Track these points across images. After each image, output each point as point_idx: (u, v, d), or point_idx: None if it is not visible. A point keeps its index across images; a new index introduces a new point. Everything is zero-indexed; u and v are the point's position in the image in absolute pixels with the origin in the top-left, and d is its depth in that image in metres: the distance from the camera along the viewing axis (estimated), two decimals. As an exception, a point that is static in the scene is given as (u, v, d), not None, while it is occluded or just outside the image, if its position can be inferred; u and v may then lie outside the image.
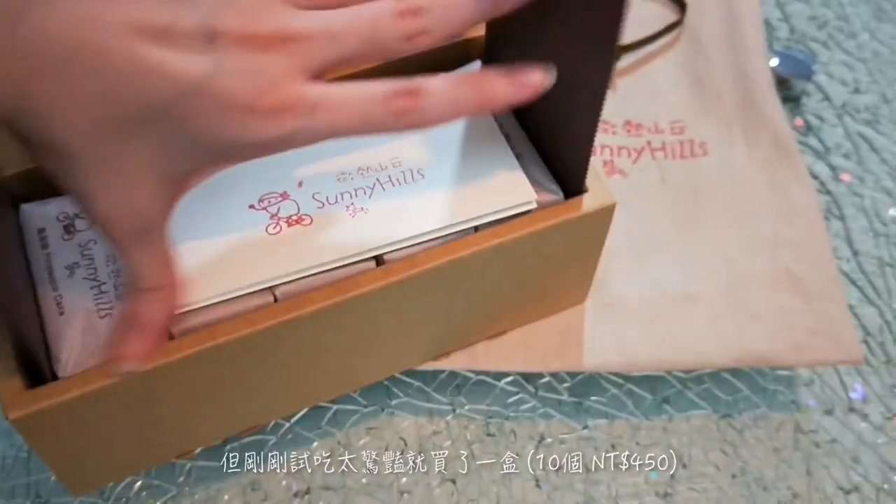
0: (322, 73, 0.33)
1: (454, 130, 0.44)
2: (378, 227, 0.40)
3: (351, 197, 0.41)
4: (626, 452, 0.49)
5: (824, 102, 0.65)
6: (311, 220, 0.40)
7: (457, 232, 0.41)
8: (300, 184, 0.41)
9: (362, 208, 0.41)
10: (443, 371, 0.50)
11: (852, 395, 0.52)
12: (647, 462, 0.49)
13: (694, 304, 0.52)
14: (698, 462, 0.49)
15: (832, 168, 0.62)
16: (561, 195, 0.43)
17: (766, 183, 0.57)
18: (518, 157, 0.43)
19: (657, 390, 0.51)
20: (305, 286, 0.40)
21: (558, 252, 0.44)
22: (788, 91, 0.65)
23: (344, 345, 0.43)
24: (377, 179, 0.42)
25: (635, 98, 0.61)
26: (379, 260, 0.41)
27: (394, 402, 0.50)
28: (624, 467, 0.48)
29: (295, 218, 0.40)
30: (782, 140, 0.59)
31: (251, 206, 0.40)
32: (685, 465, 0.48)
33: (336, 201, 0.41)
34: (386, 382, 0.50)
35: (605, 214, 0.44)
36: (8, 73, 0.27)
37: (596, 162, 0.53)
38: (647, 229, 0.55)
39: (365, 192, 0.41)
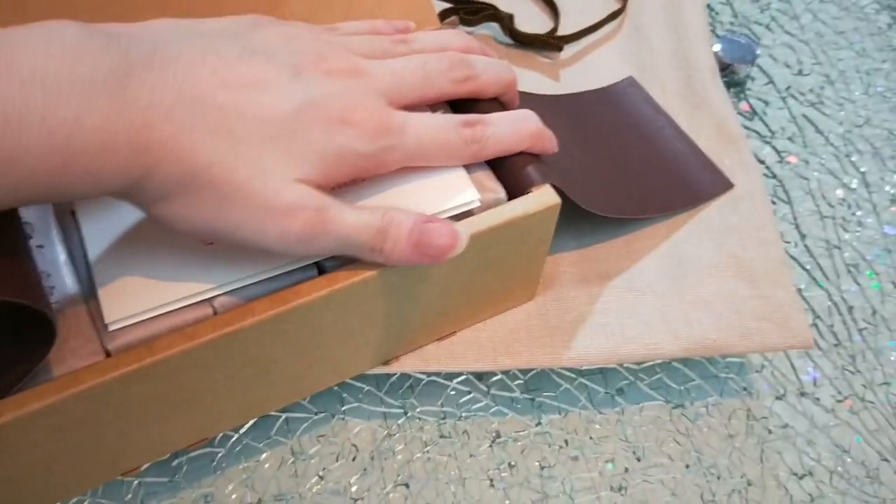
0: (394, 105, 0.39)
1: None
2: None
3: None
4: (581, 447, 0.49)
5: (769, 86, 0.66)
6: None
7: None
8: None
9: None
10: (394, 373, 0.50)
11: (803, 378, 0.52)
12: (601, 455, 0.48)
13: (642, 294, 0.51)
14: (652, 453, 0.48)
15: (778, 152, 0.62)
16: (504, 195, 0.43)
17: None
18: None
19: (610, 383, 0.51)
20: (245, 296, 0.39)
21: (504, 253, 0.44)
22: (733, 76, 0.65)
23: (289, 354, 0.42)
24: None
25: (580, 88, 0.61)
26: (321, 267, 0.40)
27: (345, 407, 0.49)
28: (579, 462, 0.48)
29: None
30: (727, 126, 0.59)
31: None
32: (639, 458, 0.48)
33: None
34: (336, 388, 0.49)
35: (549, 214, 0.43)
36: (128, 131, 0.31)
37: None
38: (593, 221, 0.54)
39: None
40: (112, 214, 0.39)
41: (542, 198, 0.42)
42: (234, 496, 0.46)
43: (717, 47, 0.64)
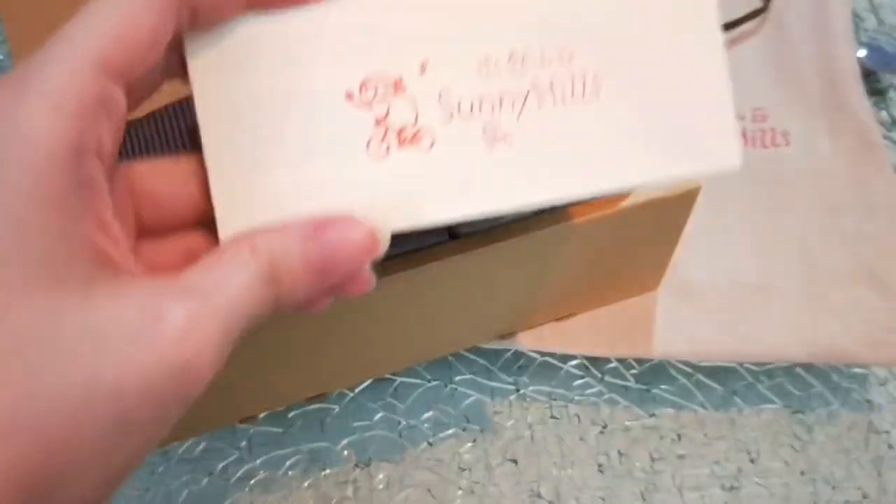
0: None
1: (656, 27, 0.28)
2: (521, 176, 0.27)
3: (493, 110, 0.27)
4: (693, 443, 0.48)
5: (912, 97, 0.63)
6: (432, 143, 0.27)
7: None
8: (423, 66, 0.27)
9: (505, 135, 0.27)
10: (508, 350, 0.49)
11: (929, 397, 0.50)
12: (713, 454, 0.48)
13: (769, 295, 0.50)
14: (766, 457, 0.47)
15: (917, 165, 0.60)
16: None
17: (849, 176, 0.55)
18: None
19: (727, 382, 0.50)
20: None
21: (636, 235, 0.43)
22: (875, 84, 0.63)
23: (412, 316, 0.42)
24: (533, 82, 0.27)
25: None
26: (453, 232, 0.39)
27: (457, 378, 0.49)
28: (689, 458, 0.47)
29: (410, 133, 0.27)
30: (867, 133, 0.57)
31: (349, 96, 0.27)
32: (752, 460, 0.47)
33: (471, 114, 0.27)
34: (450, 358, 0.49)
35: (688, 198, 0.42)
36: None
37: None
38: (724, 217, 0.53)
39: (513, 106, 0.27)
40: None
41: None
42: (344, 454, 0.46)
43: (862, 53, 0.62)
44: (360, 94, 0.27)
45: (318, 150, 0.26)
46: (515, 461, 0.47)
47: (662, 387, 0.49)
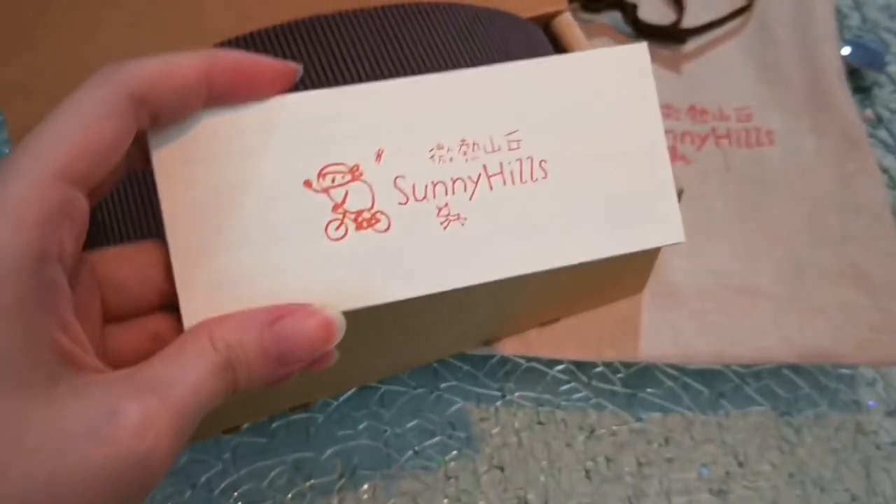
0: None
1: (598, 111, 0.30)
2: (475, 254, 0.28)
3: (446, 192, 0.28)
4: (680, 447, 0.47)
5: (896, 94, 0.63)
6: (389, 225, 0.28)
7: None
8: (379, 154, 0.28)
9: (458, 215, 0.28)
10: (493, 356, 0.49)
11: (917, 397, 0.50)
12: (700, 458, 0.47)
13: (755, 296, 0.50)
14: (754, 460, 0.47)
15: (903, 162, 0.59)
16: None
17: (834, 175, 0.55)
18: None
19: (714, 385, 0.49)
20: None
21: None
22: (859, 81, 0.62)
23: (395, 326, 0.42)
24: (484, 166, 0.29)
25: (701, 83, 0.59)
26: None
27: (443, 385, 0.49)
28: (676, 462, 0.47)
29: (367, 216, 0.28)
30: (851, 131, 0.57)
31: (307, 183, 0.28)
32: (741, 463, 0.47)
33: (425, 196, 0.28)
34: (435, 365, 0.49)
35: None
36: None
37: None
38: (708, 218, 0.53)
39: (465, 188, 0.28)
40: None
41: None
42: (329, 463, 0.46)
43: (846, 51, 0.62)
44: (318, 181, 0.28)
45: (279, 235, 0.27)
46: (502, 468, 0.46)
47: (649, 390, 0.49)
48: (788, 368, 0.50)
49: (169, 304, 0.27)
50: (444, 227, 0.28)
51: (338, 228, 0.28)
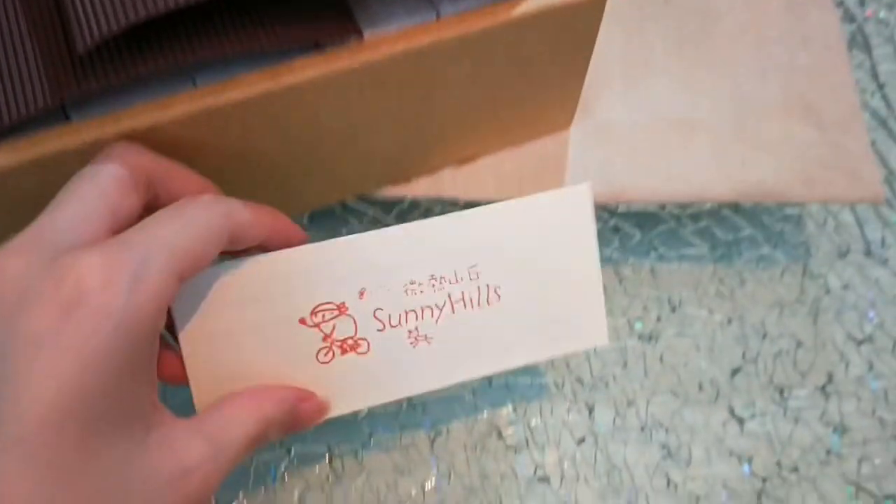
0: None
1: (545, 245, 0.35)
2: (439, 366, 0.34)
3: (416, 318, 0.34)
4: (610, 295, 0.43)
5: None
6: (368, 347, 0.34)
7: None
8: (362, 293, 0.34)
9: (426, 336, 0.34)
10: (402, 199, 0.44)
11: (870, 237, 0.45)
12: (631, 305, 0.43)
13: (694, 131, 0.45)
14: (690, 305, 0.43)
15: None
16: None
17: (783, 5, 0.50)
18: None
19: (647, 227, 0.45)
20: (230, 74, 0.33)
21: (538, 54, 0.38)
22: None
23: (283, 152, 0.37)
24: (449, 295, 0.34)
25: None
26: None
27: (344, 230, 0.44)
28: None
29: (350, 342, 0.34)
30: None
31: (301, 321, 0.33)
32: (673, 309, 0.43)
33: (398, 323, 0.34)
34: (339, 210, 0.44)
35: (594, 7, 0.37)
36: None
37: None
38: (645, 51, 0.48)
39: (432, 314, 0.34)
40: None
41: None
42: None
43: None
44: (311, 317, 0.33)
45: (278, 361, 0.33)
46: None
47: (576, 234, 0.44)
48: (729, 209, 0.45)
49: None
50: (414, 346, 0.34)
51: (326, 354, 0.33)
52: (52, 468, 0.23)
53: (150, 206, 0.30)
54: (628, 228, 0.44)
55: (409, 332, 0.34)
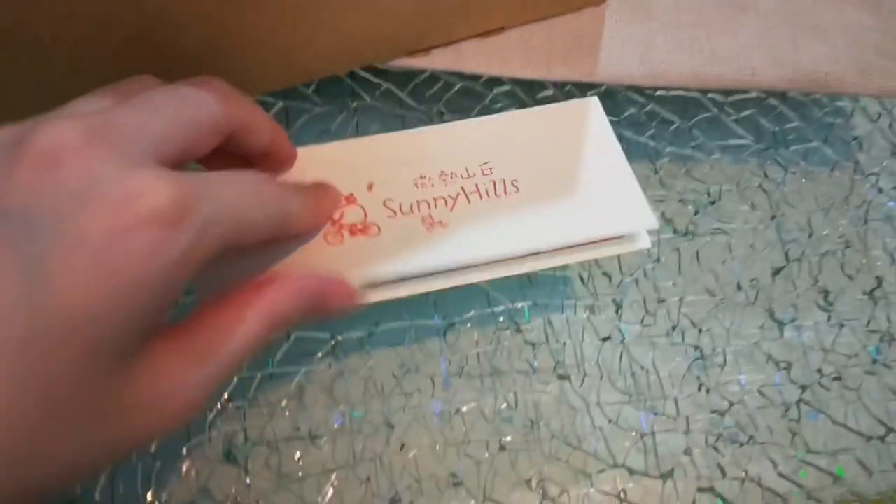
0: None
1: (556, 145, 0.34)
2: (457, 246, 0.32)
3: (429, 207, 0.33)
4: (644, 183, 0.39)
5: None
6: (379, 230, 0.32)
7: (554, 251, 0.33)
8: (370, 186, 0.33)
9: (441, 221, 0.32)
10: (420, 72, 0.40)
11: (929, 134, 0.42)
12: (669, 194, 0.39)
13: (743, 9, 0.41)
14: (731, 199, 0.39)
15: None
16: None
17: None
18: None
19: (687, 114, 0.41)
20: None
21: None
22: None
23: (278, 4, 0.33)
24: (462, 188, 0.33)
25: None
26: None
27: (356, 104, 0.40)
28: (638, 203, 0.39)
29: (360, 226, 0.32)
30: None
31: None
32: (713, 202, 0.39)
33: (410, 210, 0.33)
34: (348, 80, 0.40)
35: None
36: None
37: None
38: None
39: (446, 203, 0.33)
40: None
41: None
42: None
43: None
44: None
45: (285, 249, 0.31)
46: (424, 199, 0.38)
47: (609, 118, 0.40)
48: (777, 98, 0.41)
49: None
50: (429, 231, 0.32)
51: (335, 236, 0.32)
52: (41, 377, 0.22)
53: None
54: (666, 114, 0.41)
55: (423, 218, 0.33)
